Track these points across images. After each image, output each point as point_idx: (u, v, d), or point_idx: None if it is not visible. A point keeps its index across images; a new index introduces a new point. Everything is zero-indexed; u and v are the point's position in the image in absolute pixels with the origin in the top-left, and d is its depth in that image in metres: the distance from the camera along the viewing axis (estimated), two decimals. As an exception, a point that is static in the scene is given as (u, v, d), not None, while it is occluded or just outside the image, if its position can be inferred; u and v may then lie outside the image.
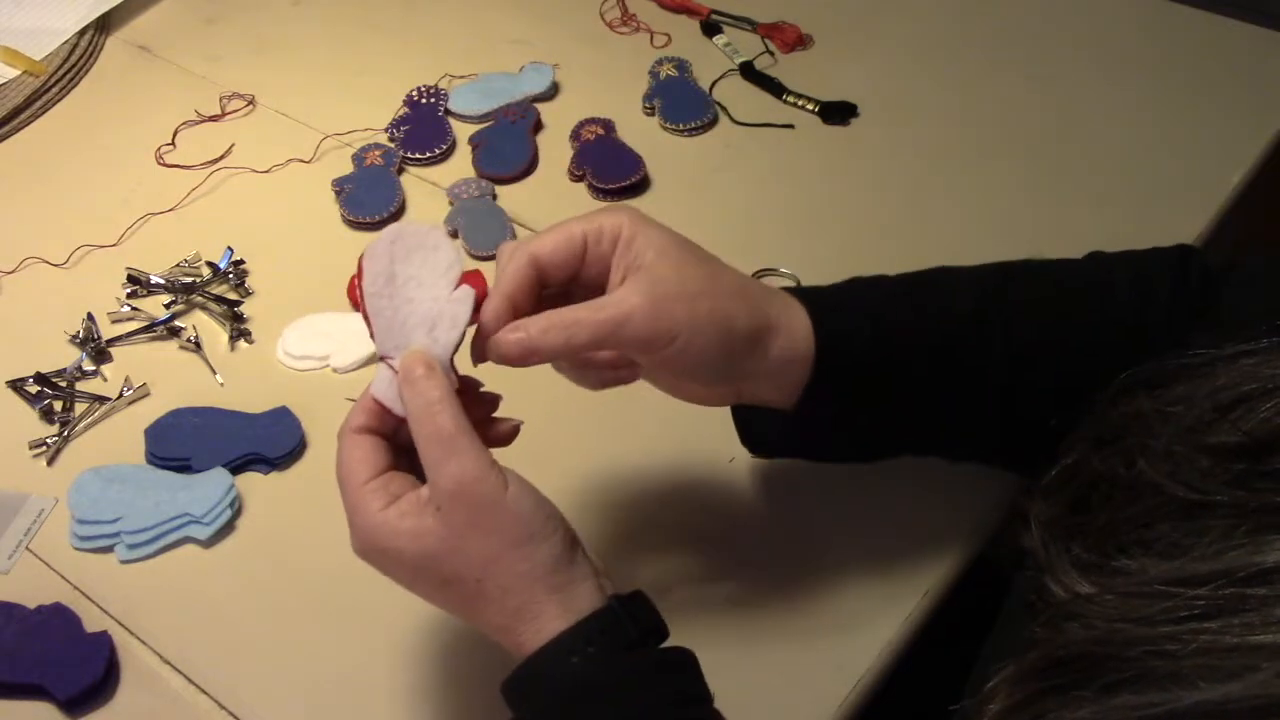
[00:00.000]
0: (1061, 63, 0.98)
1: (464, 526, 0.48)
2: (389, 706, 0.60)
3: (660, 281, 0.51)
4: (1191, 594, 0.36)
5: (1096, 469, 0.46)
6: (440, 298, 0.51)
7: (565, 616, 0.48)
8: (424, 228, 0.52)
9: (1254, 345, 0.43)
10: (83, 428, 0.73)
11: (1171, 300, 0.58)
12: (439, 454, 0.48)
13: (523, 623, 0.48)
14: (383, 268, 0.51)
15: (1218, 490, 0.39)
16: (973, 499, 0.66)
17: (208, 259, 0.83)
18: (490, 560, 0.48)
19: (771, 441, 0.64)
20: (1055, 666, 0.39)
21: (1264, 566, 0.35)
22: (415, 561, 0.49)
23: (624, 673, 0.48)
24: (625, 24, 1.04)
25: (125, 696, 0.61)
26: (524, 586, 0.48)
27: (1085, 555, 0.42)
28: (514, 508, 0.49)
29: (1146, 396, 0.45)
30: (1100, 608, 0.39)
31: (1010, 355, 0.57)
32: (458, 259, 0.52)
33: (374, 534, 0.49)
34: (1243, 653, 0.34)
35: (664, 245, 0.53)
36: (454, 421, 0.49)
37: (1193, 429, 0.42)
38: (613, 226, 0.53)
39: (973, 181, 0.88)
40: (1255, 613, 0.34)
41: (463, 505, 0.48)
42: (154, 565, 0.66)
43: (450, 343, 0.51)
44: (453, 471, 0.48)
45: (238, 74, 1.00)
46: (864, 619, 0.62)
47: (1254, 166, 0.87)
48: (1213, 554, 0.37)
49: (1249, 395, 0.41)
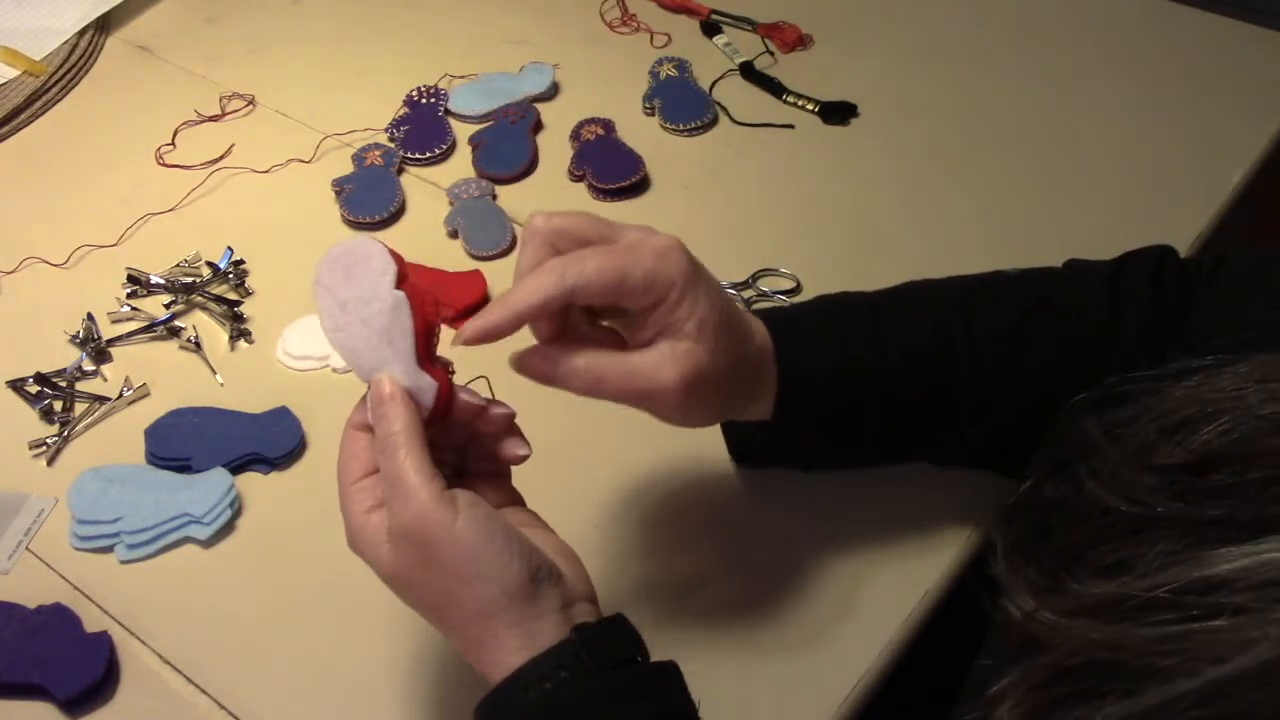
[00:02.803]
0: (1061, 63, 0.98)
1: (415, 563, 0.48)
2: (389, 706, 0.60)
3: (695, 366, 0.51)
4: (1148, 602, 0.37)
5: (1049, 495, 0.47)
6: (386, 305, 0.50)
7: (526, 649, 0.48)
8: (347, 244, 0.51)
9: (1198, 363, 0.44)
10: (83, 428, 0.73)
11: (1146, 312, 0.58)
12: (390, 492, 0.48)
13: (484, 653, 0.48)
14: (331, 302, 0.50)
15: (1160, 504, 0.40)
16: (973, 500, 0.66)
17: (208, 259, 0.83)
18: (443, 594, 0.48)
19: (756, 454, 0.65)
20: (1069, 674, 0.39)
21: (1212, 578, 0.36)
22: (386, 577, 0.49)
23: (600, 694, 0.47)
24: (625, 24, 1.04)
25: (125, 696, 0.61)
26: (478, 621, 0.48)
27: (1038, 579, 0.43)
28: (460, 544, 0.47)
29: (1093, 420, 0.46)
30: (1048, 628, 0.40)
31: (977, 377, 0.58)
32: (385, 252, 0.51)
33: (355, 535, 0.49)
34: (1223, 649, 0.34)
35: (704, 319, 0.51)
36: (406, 458, 0.48)
37: (1138, 451, 0.42)
38: (665, 282, 0.51)
39: (972, 181, 0.88)
40: (1228, 617, 0.35)
41: (410, 544, 0.48)
42: (154, 565, 0.66)
43: (406, 349, 0.50)
44: (399, 510, 0.48)
45: (238, 74, 1.00)
46: (864, 619, 0.62)
47: (1254, 166, 0.87)
48: (1156, 568, 0.38)
49: (1190, 419, 0.42)
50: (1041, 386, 0.57)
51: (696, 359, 0.51)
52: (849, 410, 0.58)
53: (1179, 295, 0.58)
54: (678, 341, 0.51)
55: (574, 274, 0.49)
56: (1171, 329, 0.57)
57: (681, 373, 0.51)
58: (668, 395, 0.52)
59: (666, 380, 0.51)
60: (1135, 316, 0.58)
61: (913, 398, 0.58)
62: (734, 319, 0.54)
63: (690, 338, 0.51)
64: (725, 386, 0.54)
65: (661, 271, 0.50)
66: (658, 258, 0.51)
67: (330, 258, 0.51)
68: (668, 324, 0.51)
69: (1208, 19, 1.01)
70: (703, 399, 0.53)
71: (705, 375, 0.52)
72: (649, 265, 0.50)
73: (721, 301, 0.53)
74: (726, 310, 0.53)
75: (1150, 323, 0.58)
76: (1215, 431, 0.40)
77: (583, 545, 0.53)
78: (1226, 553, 0.36)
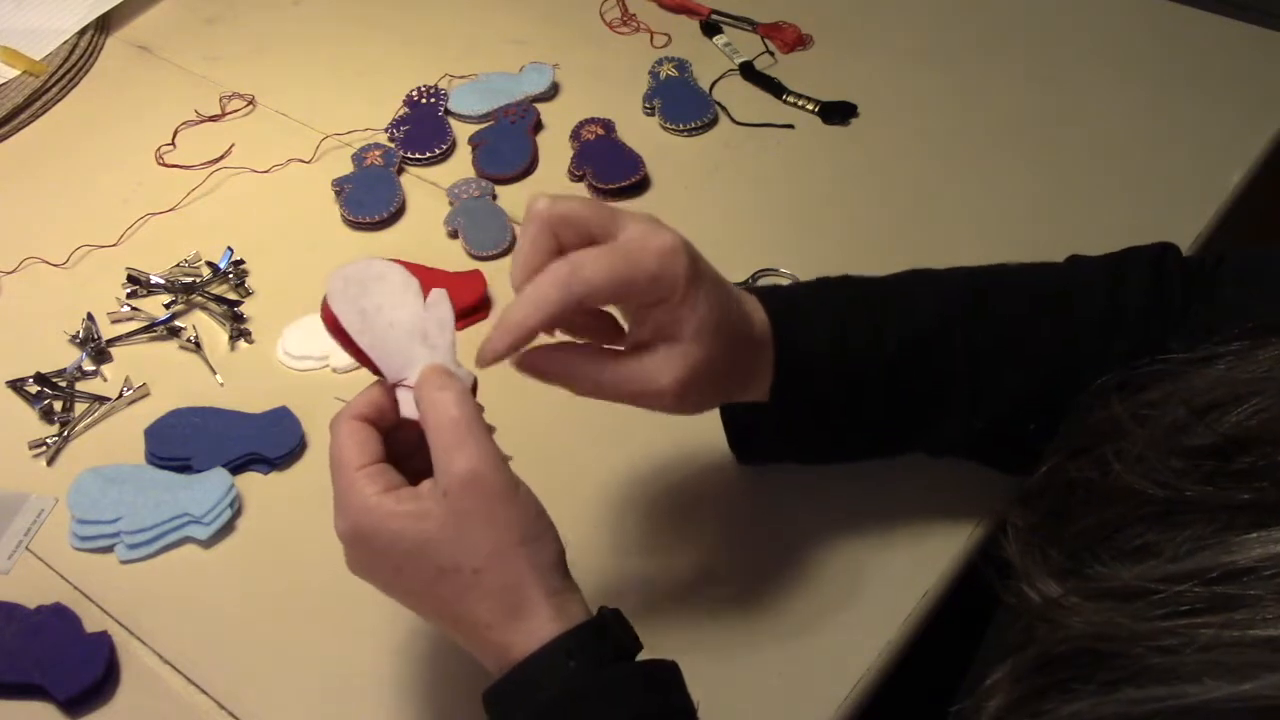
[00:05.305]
0: (1061, 62, 0.98)
1: (472, 515, 0.48)
2: (389, 706, 0.60)
3: (692, 369, 0.52)
4: (1176, 590, 0.36)
5: (1073, 476, 0.46)
6: (415, 310, 0.52)
7: (559, 621, 0.48)
8: (360, 263, 0.52)
9: (1225, 348, 0.43)
10: (83, 428, 0.73)
11: (1147, 303, 0.58)
12: (453, 440, 0.48)
13: (517, 620, 0.48)
14: (349, 308, 0.51)
15: (1189, 488, 0.39)
16: (973, 500, 0.66)
17: (208, 259, 0.83)
18: (494, 553, 0.48)
19: (756, 447, 0.65)
20: (1054, 663, 0.39)
21: (1237, 565, 0.35)
22: (411, 546, 0.48)
23: (609, 685, 0.48)
24: (625, 24, 1.04)
25: (125, 696, 0.61)
26: (524, 584, 0.48)
27: (1061, 561, 0.42)
28: (523, 504, 0.49)
29: (1120, 402, 0.46)
30: (1072, 611, 0.39)
31: (976, 365, 0.58)
32: (408, 274, 0.53)
33: (367, 516, 0.49)
34: (1248, 649, 0.34)
35: (704, 319, 0.51)
36: (470, 412, 0.49)
37: (1167, 433, 0.42)
38: (669, 284, 0.50)
39: (972, 181, 0.88)
40: (1250, 609, 0.34)
41: (474, 493, 0.48)
42: (154, 565, 0.66)
43: (447, 344, 0.52)
44: (469, 456, 0.48)
45: (238, 74, 1.00)
46: (864, 619, 0.62)
47: (1254, 166, 0.87)
48: (1184, 554, 0.37)
49: (1220, 401, 0.41)
50: (1041, 376, 0.57)
51: (694, 361, 0.52)
52: (846, 396, 0.58)
53: (1180, 290, 0.58)
54: (675, 344, 0.51)
55: (579, 284, 0.49)
56: (1171, 323, 0.57)
57: (678, 376, 0.52)
58: (665, 398, 0.52)
59: (664, 384, 0.52)
60: (1136, 308, 0.58)
61: (911, 384, 0.58)
62: (735, 312, 0.54)
63: (689, 339, 0.51)
64: (723, 378, 0.54)
65: (666, 274, 0.50)
66: (661, 260, 0.50)
67: (343, 276, 0.52)
68: (668, 323, 0.51)
69: (1208, 19, 1.01)
70: (700, 393, 0.54)
71: (702, 375, 0.52)
72: (653, 269, 0.50)
73: (723, 298, 0.53)
74: (727, 306, 0.53)
75: (1150, 315, 0.58)
76: (1246, 413, 0.40)
77: (583, 545, 0.53)
78: (1258, 538, 0.36)
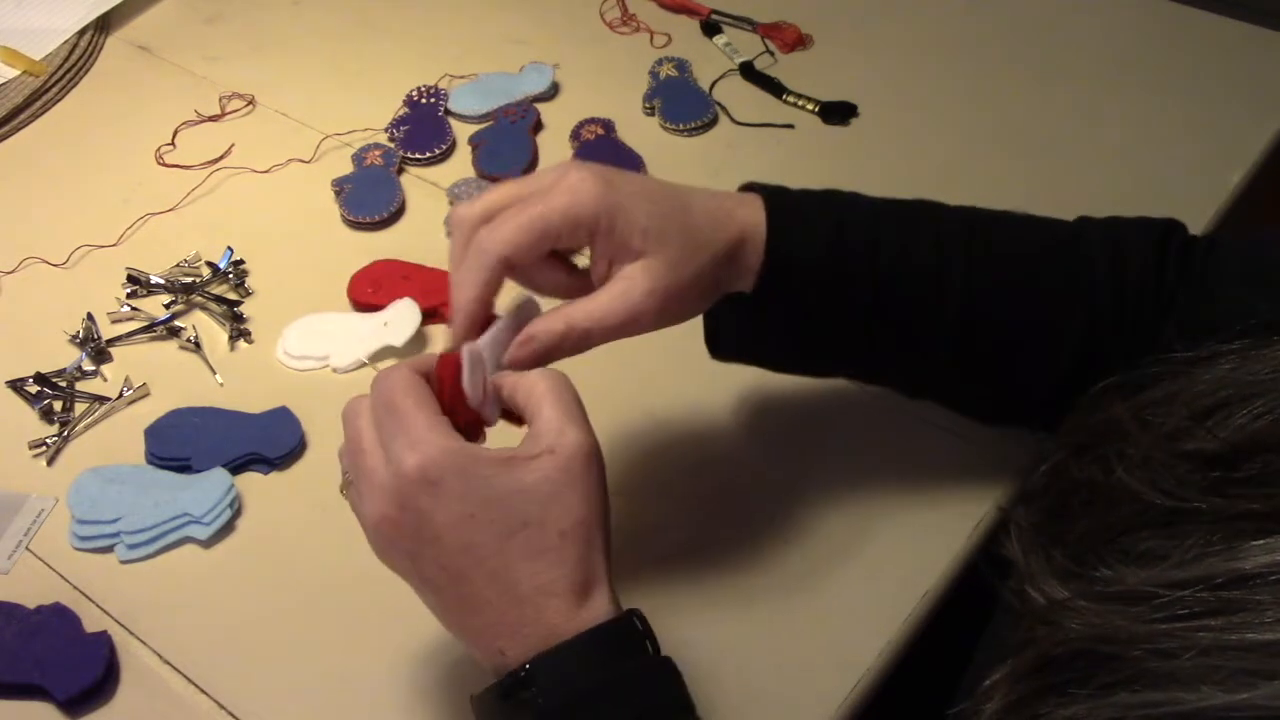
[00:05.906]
0: (1061, 62, 0.98)
1: (575, 482, 0.47)
2: (389, 706, 0.60)
3: (658, 277, 0.51)
4: (1177, 595, 0.36)
5: (1075, 476, 0.46)
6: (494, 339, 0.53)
7: (614, 607, 0.48)
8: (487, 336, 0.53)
9: (1227, 347, 0.43)
10: (83, 428, 0.73)
11: (1145, 264, 0.58)
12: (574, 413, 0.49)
13: (585, 597, 0.48)
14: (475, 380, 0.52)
15: (1195, 497, 0.39)
16: (973, 500, 0.66)
17: (208, 259, 0.83)
18: (582, 522, 0.48)
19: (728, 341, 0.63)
20: (1052, 665, 0.39)
21: (1243, 572, 0.35)
22: (501, 492, 0.47)
23: (619, 678, 0.47)
24: (625, 24, 1.04)
25: (125, 696, 0.61)
26: (598, 564, 0.48)
27: (1065, 563, 0.42)
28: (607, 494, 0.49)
29: (1123, 403, 0.45)
30: (1076, 614, 0.39)
31: (968, 296, 0.57)
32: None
33: (452, 456, 0.47)
34: (1247, 653, 0.34)
35: (645, 229, 0.51)
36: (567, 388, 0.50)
37: (1170, 436, 0.42)
38: (588, 214, 0.50)
39: (972, 181, 0.88)
40: (1251, 613, 0.34)
41: (584, 463, 0.48)
42: (154, 565, 0.66)
43: None
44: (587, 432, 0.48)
45: (238, 74, 1.00)
46: (864, 619, 0.62)
47: (1254, 166, 0.87)
48: (1191, 560, 0.37)
49: (1225, 401, 0.41)
50: (1031, 317, 0.57)
51: (656, 271, 0.51)
52: (831, 307, 0.57)
53: (1177, 263, 0.58)
54: (630, 263, 0.51)
55: (496, 247, 0.50)
56: (1164, 294, 0.57)
57: (648, 288, 0.51)
58: (648, 315, 0.52)
59: (638, 302, 0.51)
60: (1133, 268, 0.58)
61: (899, 307, 0.57)
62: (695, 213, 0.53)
63: (641, 253, 0.51)
64: (708, 271, 0.53)
65: (578, 205, 0.50)
66: (570, 194, 0.50)
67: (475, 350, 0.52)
68: (614, 249, 0.51)
69: (1208, 19, 1.01)
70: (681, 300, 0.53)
71: (669, 282, 0.52)
72: (563, 205, 0.50)
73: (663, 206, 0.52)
74: (671, 207, 0.52)
75: (1145, 279, 0.57)
76: (1251, 415, 0.40)
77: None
78: (1264, 544, 0.36)
